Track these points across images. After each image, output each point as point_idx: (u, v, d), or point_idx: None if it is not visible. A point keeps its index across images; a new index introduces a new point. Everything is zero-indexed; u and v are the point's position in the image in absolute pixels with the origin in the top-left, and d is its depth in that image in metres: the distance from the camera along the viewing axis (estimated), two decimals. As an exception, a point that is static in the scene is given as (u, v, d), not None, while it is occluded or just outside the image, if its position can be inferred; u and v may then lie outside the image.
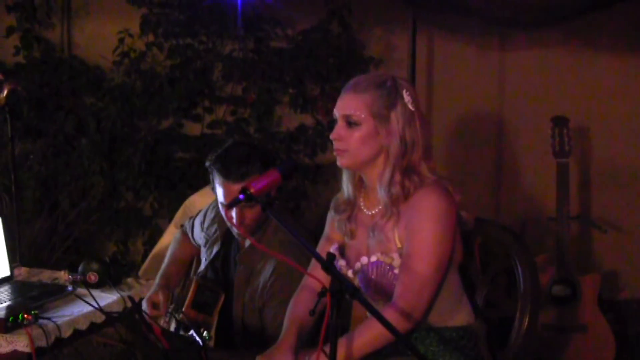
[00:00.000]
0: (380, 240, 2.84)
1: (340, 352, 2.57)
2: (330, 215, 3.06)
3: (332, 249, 2.97)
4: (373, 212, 2.90)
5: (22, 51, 5.77)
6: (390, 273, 2.81)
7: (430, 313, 2.82)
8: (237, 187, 3.19)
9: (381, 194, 2.82)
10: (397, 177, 2.78)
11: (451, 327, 2.88)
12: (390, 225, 2.82)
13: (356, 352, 2.71)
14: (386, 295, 2.83)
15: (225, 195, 3.29)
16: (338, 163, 2.88)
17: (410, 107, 2.79)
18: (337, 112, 2.84)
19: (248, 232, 3.34)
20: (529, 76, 5.39)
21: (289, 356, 2.84)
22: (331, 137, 2.84)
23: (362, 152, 2.80)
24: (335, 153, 2.86)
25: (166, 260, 3.77)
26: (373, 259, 2.85)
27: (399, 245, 2.80)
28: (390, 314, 2.65)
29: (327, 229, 3.09)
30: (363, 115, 2.78)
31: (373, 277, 2.85)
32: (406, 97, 2.79)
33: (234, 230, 3.44)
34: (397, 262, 2.79)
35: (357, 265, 2.89)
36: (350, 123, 2.79)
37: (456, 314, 2.90)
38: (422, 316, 2.76)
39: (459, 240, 2.88)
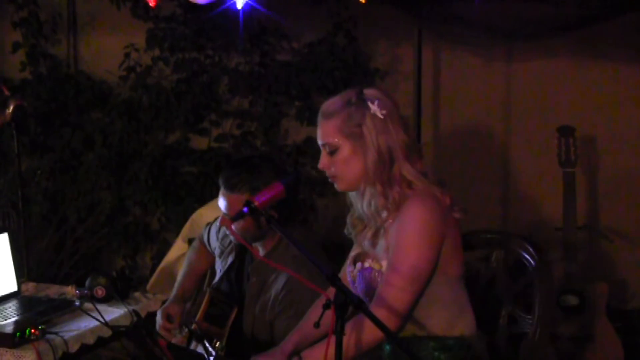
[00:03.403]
0: (378, 250, 2.88)
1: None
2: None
3: (353, 253, 3.02)
4: None
5: (28, 67, 5.79)
6: (379, 279, 2.84)
7: (432, 321, 2.85)
8: (230, 196, 3.29)
9: (361, 208, 2.86)
10: (379, 188, 2.80)
11: (451, 336, 2.88)
12: (384, 235, 2.86)
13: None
14: (371, 299, 2.86)
15: (221, 203, 3.35)
16: (336, 188, 2.91)
17: (380, 115, 2.79)
18: (318, 142, 2.89)
19: (247, 240, 3.31)
20: (535, 86, 5.38)
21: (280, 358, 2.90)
22: (319, 167, 2.88)
23: (349, 173, 2.84)
24: (330, 180, 2.90)
25: (183, 269, 3.79)
26: (366, 264, 2.90)
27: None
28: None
29: None
30: (337, 140, 2.81)
31: (363, 282, 2.91)
32: (373, 108, 2.80)
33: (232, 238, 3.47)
34: (385, 269, 2.82)
35: (358, 267, 2.94)
36: (330, 151, 2.84)
37: (457, 324, 2.91)
38: (400, 321, 2.76)
39: (459, 252, 2.89)
